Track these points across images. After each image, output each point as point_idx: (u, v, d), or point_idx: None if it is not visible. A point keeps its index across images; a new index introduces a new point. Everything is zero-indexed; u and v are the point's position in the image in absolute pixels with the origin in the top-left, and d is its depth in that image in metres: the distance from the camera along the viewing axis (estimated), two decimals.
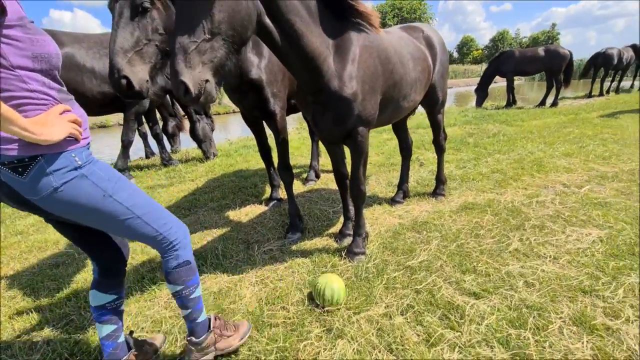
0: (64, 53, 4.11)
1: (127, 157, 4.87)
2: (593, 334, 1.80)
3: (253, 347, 1.80)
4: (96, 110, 4.63)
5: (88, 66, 4.25)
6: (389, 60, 2.36)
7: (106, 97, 4.37)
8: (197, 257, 2.66)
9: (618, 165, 4.43)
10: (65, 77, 4.06)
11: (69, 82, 4.09)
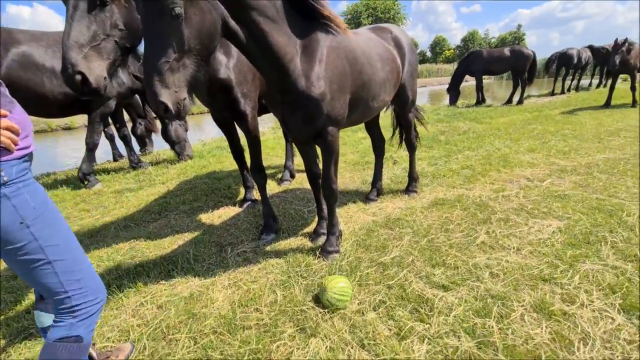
0: (20, 52, 3.87)
1: (92, 160, 4.66)
2: (551, 320, 1.91)
3: (225, 351, 1.77)
4: (58, 111, 4.40)
5: (48, 66, 4.02)
6: (357, 61, 2.39)
7: (68, 98, 4.16)
8: (167, 261, 2.59)
9: (577, 160, 4.71)
10: (24, 77, 3.83)
11: (27, 83, 3.86)
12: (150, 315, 2.05)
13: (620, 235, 2.72)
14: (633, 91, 8.86)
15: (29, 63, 3.90)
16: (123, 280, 2.37)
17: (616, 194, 3.50)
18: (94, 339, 1.88)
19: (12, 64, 3.75)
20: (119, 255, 2.72)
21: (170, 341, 1.85)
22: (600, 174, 4.10)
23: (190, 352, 1.77)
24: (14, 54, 3.79)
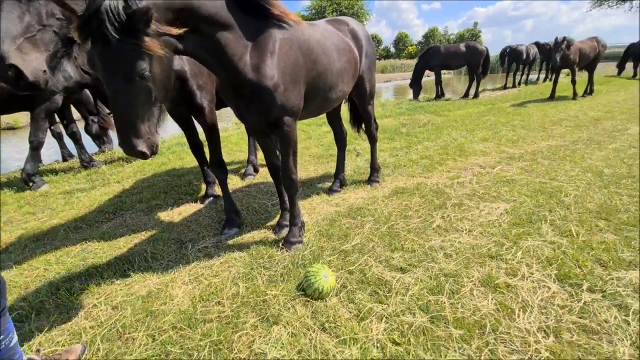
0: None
1: (37, 160, 4.32)
2: (496, 292, 2.07)
3: (185, 345, 1.75)
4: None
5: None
6: (312, 52, 2.42)
7: (4, 93, 3.81)
8: (123, 261, 2.49)
9: (524, 147, 5.08)
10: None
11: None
12: (105, 316, 1.96)
13: (558, 213, 2.98)
14: (573, 84, 9.66)
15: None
16: (74, 283, 2.25)
17: (556, 177, 3.83)
18: (41, 343, 1.78)
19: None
20: (68, 257, 2.56)
21: (126, 340, 1.79)
22: (543, 159, 4.46)
23: (149, 350, 1.73)
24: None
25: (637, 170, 3.90)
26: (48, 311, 2.02)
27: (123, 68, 1.47)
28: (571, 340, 1.71)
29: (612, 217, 2.87)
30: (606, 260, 2.32)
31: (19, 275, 2.41)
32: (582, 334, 1.75)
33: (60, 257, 2.57)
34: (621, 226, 2.73)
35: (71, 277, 2.32)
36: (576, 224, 2.79)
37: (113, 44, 1.41)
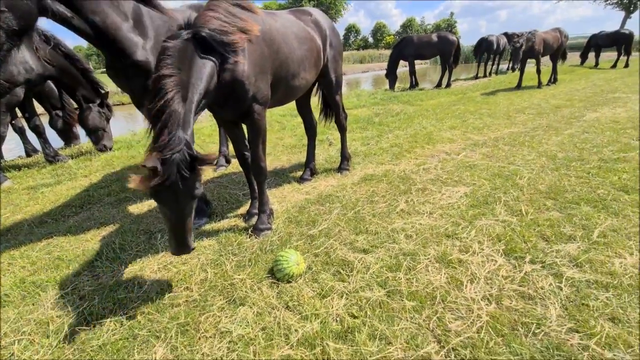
0: None
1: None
2: (449, 267, 2.24)
3: (153, 328, 1.82)
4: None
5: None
6: (274, 41, 2.48)
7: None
8: (90, 253, 2.50)
9: (488, 134, 5.34)
10: None
11: None
12: (72, 306, 1.99)
13: (511, 195, 3.21)
14: (538, 74, 10.11)
15: None
16: (40, 275, 2.25)
17: (514, 161, 4.08)
18: (6, 334, 1.80)
19: None
20: (33, 251, 2.54)
21: (94, 327, 1.84)
22: (504, 145, 4.71)
23: (116, 334, 1.79)
24: None
25: (587, 153, 4.20)
26: (14, 303, 2.03)
27: (190, 191, 1.80)
28: (510, 306, 1.90)
29: (559, 197, 3.11)
30: (549, 235, 2.54)
31: None
32: (520, 300, 1.94)
33: (24, 251, 2.55)
34: (566, 204, 2.98)
35: (37, 270, 2.32)
36: (526, 204, 3.01)
37: (185, 178, 1.75)
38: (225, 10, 2.15)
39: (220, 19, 2.06)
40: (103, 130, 5.24)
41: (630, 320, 1.77)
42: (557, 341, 1.67)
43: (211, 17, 2.05)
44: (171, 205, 1.79)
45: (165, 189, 1.71)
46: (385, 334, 1.75)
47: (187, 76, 1.88)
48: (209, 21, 2.02)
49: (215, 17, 2.05)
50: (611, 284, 2.02)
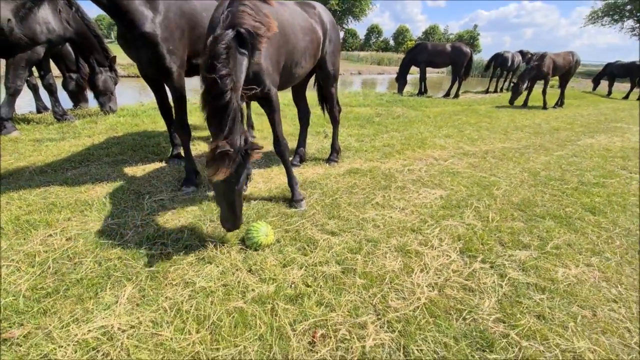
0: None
1: (12, 106, 4.41)
2: (406, 256, 2.43)
3: (127, 272, 2.03)
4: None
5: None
6: (285, 32, 2.68)
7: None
8: (82, 203, 2.72)
9: (480, 147, 5.48)
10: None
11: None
12: (58, 244, 2.21)
13: (484, 202, 3.37)
14: (544, 95, 10.15)
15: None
16: (33, 215, 2.47)
17: (496, 173, 4.24)
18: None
19: None
20: (31, 195, 2.77)
21: (75, 264, 2.06)
22: (492, 158, 4.86)
23: (94, 272, 2.00)
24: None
25: (569, 175, 4.34)
26: (7, 236, 2.26)
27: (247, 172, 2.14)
28: (450, 294, 2.08)
29: (528, 210, 3.28)
30: (507, 241, 2.71)
31: None
32: (461, 291, 2.13)
33: (23, 194, 2.78)
34: (532, 217, 3.14)
35: (31, 211, 2.55)
36: (495, 212, 3.18)
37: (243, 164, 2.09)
38: (253, 5, 2.30)
39: (252, 16, 2.22)
40: (110, 94, 5.50)
41: (554, 319, 1.95)
42: (482, 327, 1.85)
43: (246, 13, 2.19)
44: (231, 185, 2.08)
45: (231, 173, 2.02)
46: (331, 302, 1.94)
47: (234, 72, 2.08)
48: (245, 18, 2.17)
49: (249, 14, 2.20)
50: (548, 288, 2.19)
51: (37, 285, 1.88)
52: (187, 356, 1.56)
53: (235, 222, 2.22)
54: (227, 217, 2.19)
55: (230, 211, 2.17)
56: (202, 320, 1.75)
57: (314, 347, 1.67)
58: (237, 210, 2.19)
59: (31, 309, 1.73)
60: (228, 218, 2.20)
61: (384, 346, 1.70)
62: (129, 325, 1.68)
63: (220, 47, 2.03)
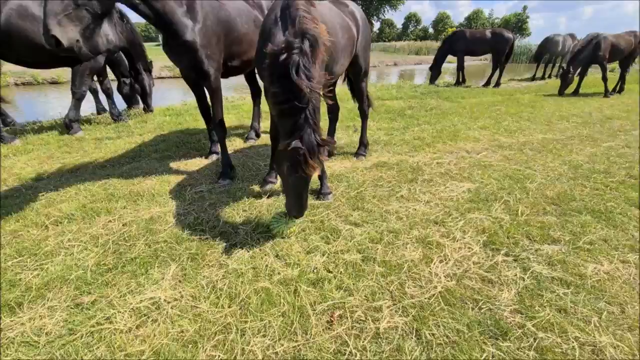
0: (18, 3, 4.15)
1: (78, 109, 5.04)
2: (426, 247, 2.49)
3: (171, 253, 2.32)
4: (49, 61, 4.71)
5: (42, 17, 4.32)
6: (331, 34, 2.81)
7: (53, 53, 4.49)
8: (135, 193, 3.11)
9: (517, 138, 5.25)
10: (22, 26, 4.15)
11: (25, 32, 4.18)
12: (117, 228, 2.58)
13: (515, 196, 3.30)
14: (604, 81, 9.28)
15: (26, 13, 4.20)
16: (96, 204, 2.89)
17: (532, 166, 4.07)
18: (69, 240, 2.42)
19: (11, 12, 4.08)
20: (94, 187, 3.22)
21: (129, 246, 2.40)
22: (530, 150, 4.65)
23: (144, 252, 2.32)
24: (13, 4, 4.10)
25: (615, 167, 4.05)
26: (77, 220, 2.67)
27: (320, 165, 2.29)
28: (468, 285, 2.13)
29: (563, 204, 3.15)
30: (535, 235, 2.66)
31: (57, 194, 3.08)
32: (479, 282, 2.16)
33: (88, 185, 3.23)
34: (567, 211, 3.02)
35: (94, 200, 2.97)
36: (526, 206, 3.10)
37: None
38: (307, 9, 2.43)
39: (312, 21, 2.36)
40: (149, 94, 6.20)
41: (576, 313, 1.93)
42: (497, 317, 1.89)
43: (307, 19, 2.33)
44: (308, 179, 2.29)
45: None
46: (350, 287, 2.09)
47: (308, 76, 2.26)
48: (308, 25, 2.31)
49: (310, 19, 2.35)
50: (574, 283, 2.15)
51: (100, 262, 2.24)
52: (220, 326, 1.80)
53: (302, 210, 2.42)
54: (294, 205, 2.40)
55: (298, 200, 2.37)
56: (234, 297, 1.98)
57: (331, 326, 1.83)
58: (304, 199, 2.38)
59: (96, 281, 2.07)
60: (294, 206, 2.40)
61: (397, 329, 1.81)
62: (172, 298, 1.96)
63: (296, 54, 2.17)
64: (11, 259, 2.25)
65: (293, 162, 2.19)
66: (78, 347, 1.65)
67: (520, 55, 26.63)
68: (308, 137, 2.18)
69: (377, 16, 59.41)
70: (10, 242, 2.43)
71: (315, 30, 2.31)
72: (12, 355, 1.61)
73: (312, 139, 2.19)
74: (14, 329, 1.74)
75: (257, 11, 3.96)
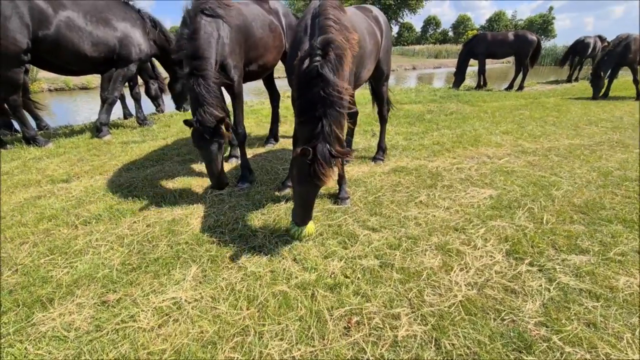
0: (66, 15, 4.50)
1: (109, 114, 5.30)
2: (446, 254, 2.45)
3: (191, 254, 2.38)
4: (90, 68, 5.10)
5: (87, 29, 4.69)
6: (360, 39, 2.84)
7: (100, 57, 4.90)
8: (158, 196, 3.21)
9: (542, 143, 5.08)
10: (69, 36, 4.51)
11: (72, 41, 4.55)
12: (141, 229, 2.67)
13: (540, 203, 3.19)
14: (636, 84, 8.87)
15: (74, 25, 4.55)
16: (122, 205, 3.00)
17: (559, 173, 3.92)
18: (97, 240, 2.52)
19: (60, 24, 4.43)
20: (120, 188, 3.34)
21: (153, 246, 2.47)
22: (555, 156, 4.49)
23: (167, 253, 2.39)
24: (62, 15, 4.46)
25: None
26: (104, 221, 2.78)
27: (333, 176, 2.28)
28: (490, 294, 2.07)
29: (592, 213, 3.02)
30: (561, 245, 2.56)
31: (85, 195, 3.23)
32: (502, 292, 2.10)
33: (114, 187, 3.37)
34: (596, 220, 2.89)
35: (121, 202, 3.09)
36: (551, 214, 2.99)
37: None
38: (337, 18, 2.47)
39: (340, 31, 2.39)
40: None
41: (607, 329, 1.84)
42: (521, 329, 1.83)
43: (334, 28, 2.36)
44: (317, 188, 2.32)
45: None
46: (367, 293, 2.07)
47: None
48: (334, 34, 2.33)
49: (337, 28, 2.38)
50: (604, 296, 2.05)
51: (126, 261, 2.32)
52: (238, 328, 1.82)
53: (304, 220, 2.44)
54: (300, 213, 2.42)
55: (305, 210, 2.40)
56: (252, 300, 2.01)
57: (348, 332, 1.82)
58: (309, 209, 2.42)
59: (121, 280, 2.15)
60: (301, 214, 2.42)
61: (416, 337, 1.78)
62: (193, 299, 2.00)
63: (316, 62, 2.20)
64: (44, 257, 2.36)
65: (303, 170, 2.20)
66: (104, 343, 1.72)
67: (545, 58, 25.81)
68: (322, 147, 2.17)
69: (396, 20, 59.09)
70: (43, 240, 2.56)
71: (342, 40, 2.30)
72: (44, 348, 1.69)
73: (326, 150, 2.18)
74: (46, 324, 1.83)
75: (273, 16, 4.03)
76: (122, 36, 5.04)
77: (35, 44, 4.29)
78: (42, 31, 4.30)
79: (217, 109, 2.83)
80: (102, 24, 4.82)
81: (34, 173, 3.79)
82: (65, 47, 4.51)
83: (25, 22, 4.14)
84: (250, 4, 3.89)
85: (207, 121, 2.75)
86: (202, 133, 2.76)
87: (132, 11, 5.33)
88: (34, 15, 4.21)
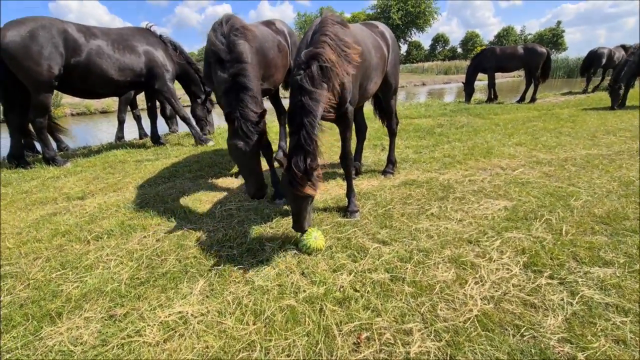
0: (97, 43, 4.96)
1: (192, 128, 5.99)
2: (460, 268, 2.35)
3: (200, 268, 2.36)
4: (115, 90, 5.52)
5: (114, 56, 5.12)
6: (363, 54, 2.91)
7: (125, 81, 5.31)
8: (168, 211, 3.24)
9: (557, 154, 4.94)
10: (98, 62, 4.94)
11: (101, 67, 4.97)
12: (150, 244, 2.69)
13: (558, 214, 3.06)
14: None
15: (102, 52, 4.99)
16: (134, 221, 3.04)
17: (576, 183, 3.79)
18: (107, 255, 2.54)
19: (91, 51, 4.88)
20: (133, 204, 3.40)
21: (162, 260, 2.48)
22: (572, 167, 4.35)
23: (175, 267, 2.39)
24: (93, 44, 4.92)
25: None
26: (115, 236, 2.82)
27: None
28: (508, 309, 1.97)
29: (615, 223, 2.87)
30: (583, 257, 2.43)
31: (99, 211, 3.29)
32: (520, 306, 1.99)
33: (126, 203, 3.43)
34: (619, 231, 2.75)
35: (132, 217, 3.13)
36: (571, 225, 2.86)
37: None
38: (335, 33, 2.55)
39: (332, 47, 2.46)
40: (205, 120, 6.57)
41: (638, 346, 1.70)
42: (543, 346, 1.71)
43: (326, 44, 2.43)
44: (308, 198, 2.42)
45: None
46: (377, 307, 2.00)
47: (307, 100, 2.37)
48: (324, 49, 2.40)
49: (330, 45, 2.45)
50: (633, 311, 1.92)
51: (134, 275, 2.32)
52: (244, 343, 1.77)
53: (298, 227, 2.51)
54: (295, 220, 2.52)
55: (296, 216, 2.48)
56: (259, 314, 1.96)
57: (358, 348, 1.74)
58: (302, 217, 2.47)
59: (129, 294, 2.14)
60: (295, 221, 2.52)
61: (429, 354, 1.69)
62: (199, 313, 1.97)
63: (297, 76, 2.32)
64: (55, 271, 2.39)
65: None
66: (109, 358, 1.69)
67: (557, 70, 25.63)
68: (296, 160, 2.30)
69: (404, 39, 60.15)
70: (55, 255, 2.61)
71: (330, 53, 2.38)
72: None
73: (299, 162, 2.29)
74: (53, 338, 1.83)
75: (280, 36, 4.15)
76: (147, 60, 5.46)
77: (67, 70, 4.68)
78: (75, 58, 4.72)
79: (257, 106, 2.88)
80: (128, 51, 5.24)
81: (51, 191, 3.91)
82: (94, 72, 4.92)
83: (59, 51, 4.56)
84: (259, 25, 4.03)
85: (249, 115, 2.76)
86: (243, 128, 2.73)
87: (154, 36, 5.77)
88: (68, 45, 4.62)
